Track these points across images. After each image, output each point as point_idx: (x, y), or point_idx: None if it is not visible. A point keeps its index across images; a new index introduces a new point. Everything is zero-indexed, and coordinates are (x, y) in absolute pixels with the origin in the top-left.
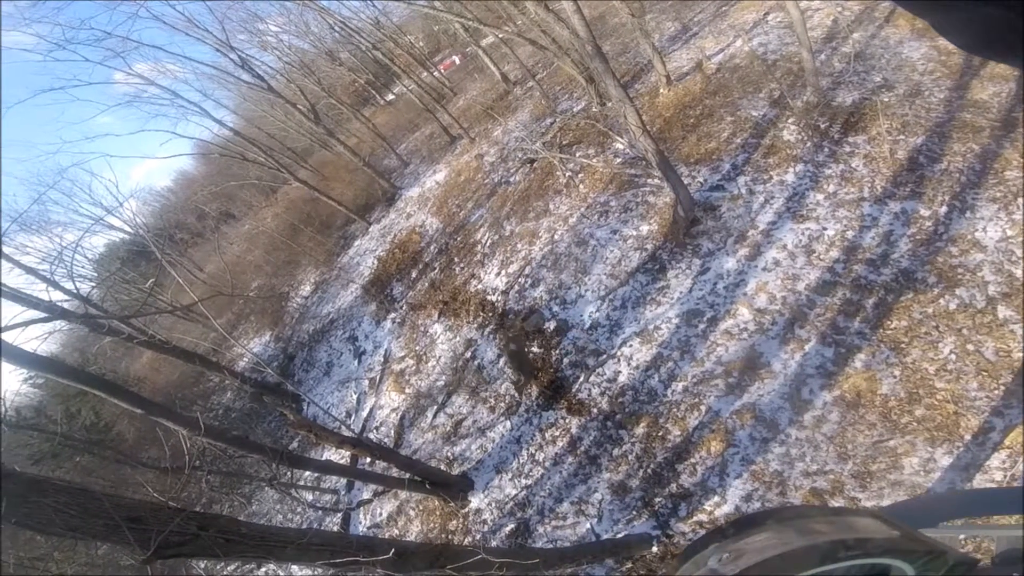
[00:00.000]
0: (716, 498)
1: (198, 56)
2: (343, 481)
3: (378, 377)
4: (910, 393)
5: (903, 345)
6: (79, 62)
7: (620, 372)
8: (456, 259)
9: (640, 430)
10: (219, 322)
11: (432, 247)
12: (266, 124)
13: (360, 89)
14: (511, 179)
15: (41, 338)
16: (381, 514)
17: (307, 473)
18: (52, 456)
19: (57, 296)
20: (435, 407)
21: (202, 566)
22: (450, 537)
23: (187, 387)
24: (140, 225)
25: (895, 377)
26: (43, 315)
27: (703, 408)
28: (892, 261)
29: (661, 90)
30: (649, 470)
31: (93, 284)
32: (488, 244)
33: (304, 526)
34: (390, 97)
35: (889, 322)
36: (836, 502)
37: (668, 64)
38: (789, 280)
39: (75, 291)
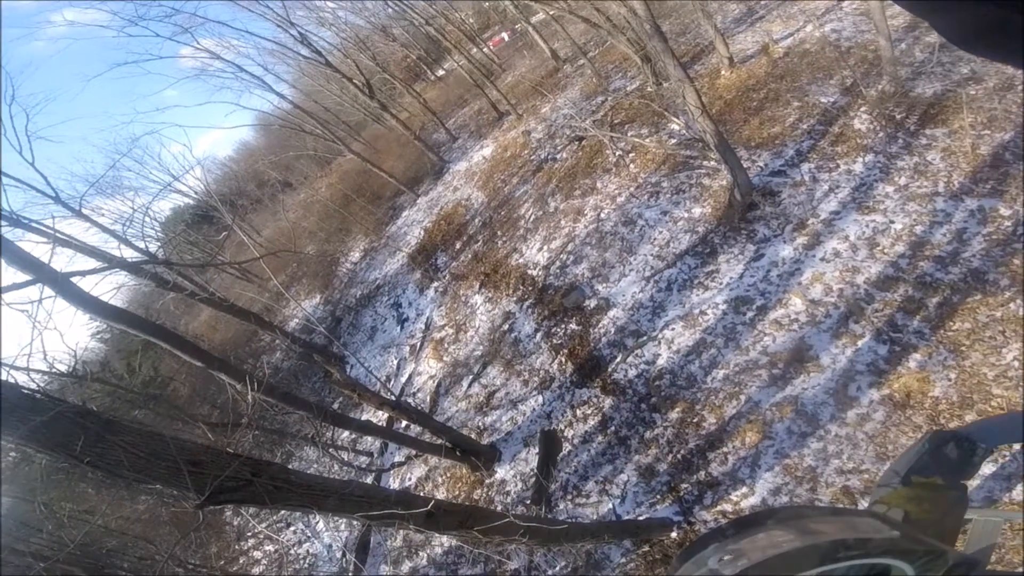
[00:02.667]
0: (744, 489)
1: (260, 32)
2: (377, 444)
3: (418, 344)
4: (963, 397)
5: (963, 348)
6: (150, 37)
7: (659, 355)
8: (499, 233)
9: (674, 415)
10: (273, 283)
11: (476, 220)
12: (323, 98)
13: (412, 64)
14: (558, 156)
15: (110, 292)
16: (411, 478)
17: (344, 434)
18: (112, 410)
19: (128, 253)
20: (470, 377)
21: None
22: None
23: (240, 346)
24: (204, 191)
25: (950, 380)
26: (108, 269)
27: (743, 398)
28: (962, 260)
29: (723, 72)
30: (679, 455)
31: (160, 244)
32: (531, 219)
33: None
34: (440, 72)
35: (952, 323)
36: (864, 502)
37: (731, 46)
38: (848, 272)
39: (144, 249)
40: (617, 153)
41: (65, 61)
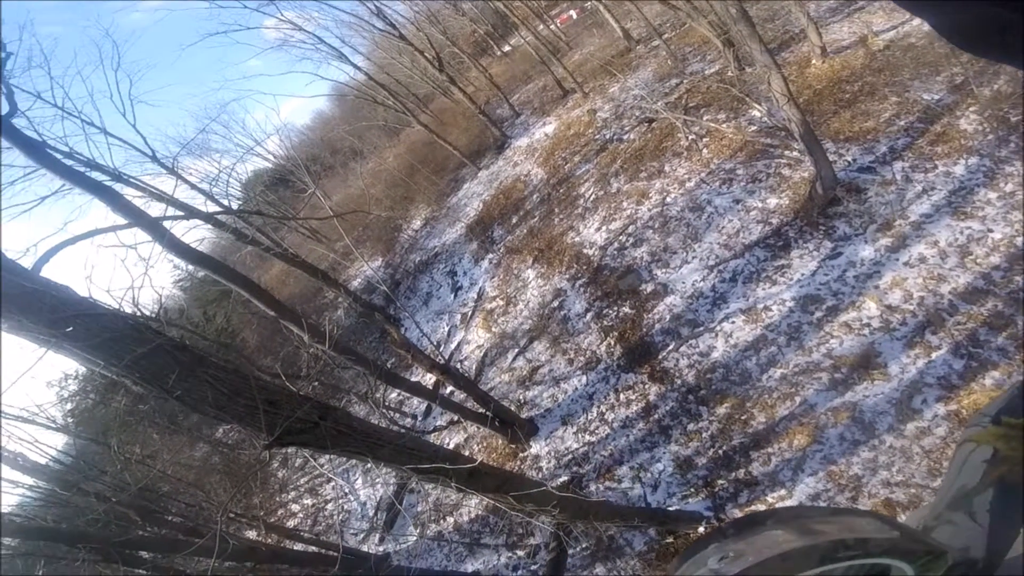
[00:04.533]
0: (782, 491)
1: (338, 4)
2: (422, 408)
3: (470, 312)
4: None
5: None
6: (238, 8)
7: (715, 348)
8: (556, 210)
9: (722, 410)
10: (339, 245)
11: (535, 196)
12: (394, 70)
13: (479, 39)
14: (624, 136)
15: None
16: (449, 444)
17: (393, 395)
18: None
19: (213, 209)
20: (516, 350)
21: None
22: None
23: (306, 301)
24: (287, 156)
25: None
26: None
27: (798, 399)
28: None
29: (813, 61)
30: (720, 451)
31: (240, 203)
32: (591, 199)
33: None
34: (506, 48)
35: None
36: (904, 516)
37: (824, 36)
38: (933, 280)
39: (228, 205)
40: (690, 137)
41: (164, 30)
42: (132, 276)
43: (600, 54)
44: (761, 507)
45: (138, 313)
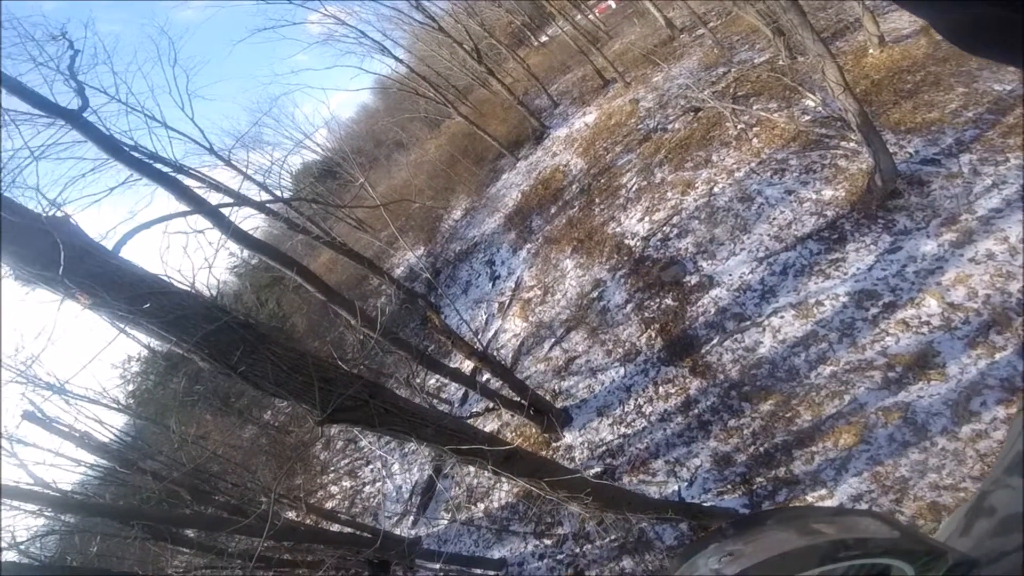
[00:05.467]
0: (823, 491)
1: None
2: (459, 395)
3: (507, 301)
4: None
5: None
6: (283, 4)
7: (761, 343)
8: (597, 200)
9: (766, 407)
10: (384, 234)
11: (574, 186)
12: (434, 62)
13: (516, 30)
14: (668, 126)
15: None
16: (483, 429)
17: (432, 381)
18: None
19: (265, 199)
20: (552, 339)
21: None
22: None
23: (351, 288)
24: (336, 149)
25: None
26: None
27: (847, 398)
28: None
29: (871, 51)
30: (761, 448)
31: (291, 193)
32: (634, 189)
33: None
34: (544, 39)
35: None
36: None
37: (882, 25)
38: (1001, 278)
39: (279, 195)
40: (739, 126)
41: (214, 27)
42: (192, 262)
43: (642, 43)
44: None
45: (206, 293)
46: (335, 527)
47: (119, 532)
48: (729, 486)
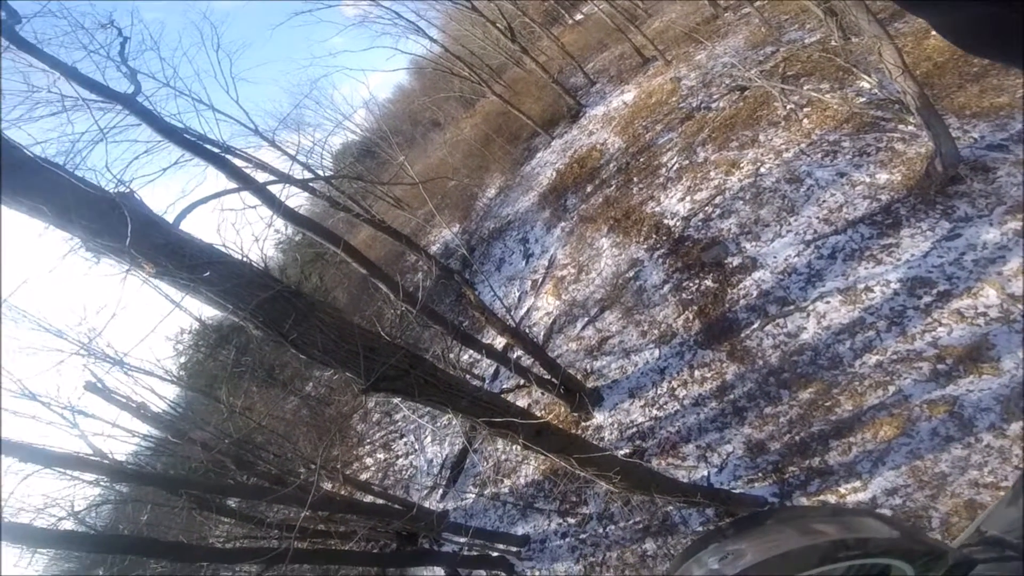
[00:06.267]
0: (856, 483)
1: None
2: (490, 371)
3: (540, 279)
4: None
5: None
6: None
7: (805, 328)
8: (635, 179)
9: (805, 395)
10: (421, 212)
11: (611, 165)
12: (467, 42)
13: (550, 8)
14: (712, 105)
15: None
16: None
17: (464, 357)
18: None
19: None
20: (586, 319)
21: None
22: None
23: (389, 264)
24: (375, 130)
25: None
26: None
27: (891, 389)
28: None
29: (933, 32)
30: (797, 437)
31: (332, 173)
32: (674, 168)
33: None
34: (578, 16)
35: None
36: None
37: None
38: None
39: (321, 174)
40: (788, 106)
41: (253, 11)
42: (240, 237)
43: (683, 21)
44: (831, 498)
45: (260, 264)
46: (368, 498)
47: (167, 501)
48: (760, 474)
